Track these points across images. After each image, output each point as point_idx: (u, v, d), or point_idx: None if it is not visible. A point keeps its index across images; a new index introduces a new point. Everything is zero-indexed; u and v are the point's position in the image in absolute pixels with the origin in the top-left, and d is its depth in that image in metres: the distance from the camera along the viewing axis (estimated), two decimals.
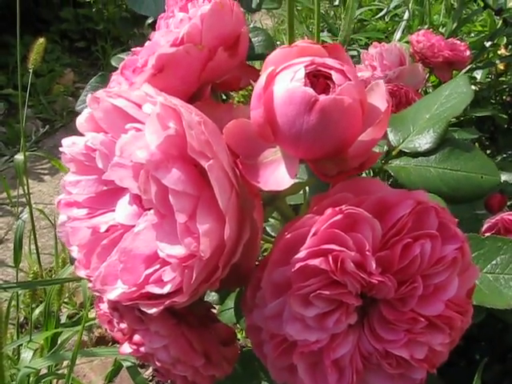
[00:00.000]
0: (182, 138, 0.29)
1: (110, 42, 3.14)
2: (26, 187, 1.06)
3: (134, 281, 0.31)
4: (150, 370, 1.29)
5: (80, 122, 0.36)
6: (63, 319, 1.30)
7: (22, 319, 1.39)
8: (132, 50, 0.43)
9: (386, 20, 1.66)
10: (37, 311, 1.14)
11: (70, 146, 0.36)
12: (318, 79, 0.30)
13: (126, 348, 0.34)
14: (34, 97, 2.80)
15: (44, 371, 0.97)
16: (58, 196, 0.37)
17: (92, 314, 1.34)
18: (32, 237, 1.20)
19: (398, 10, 1.62)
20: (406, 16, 1.43)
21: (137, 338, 0.34)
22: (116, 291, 0.31)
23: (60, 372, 1.06)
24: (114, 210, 0.35)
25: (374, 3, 1.82)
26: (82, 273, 0.34)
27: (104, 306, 0.36)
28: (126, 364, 0.79)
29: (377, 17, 1.57)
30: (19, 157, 1.04)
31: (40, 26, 3.35)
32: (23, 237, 1.11)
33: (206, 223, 0.27)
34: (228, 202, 0.28)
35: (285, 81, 0.29)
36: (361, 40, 1.69)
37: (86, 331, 1.37)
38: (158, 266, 0.31)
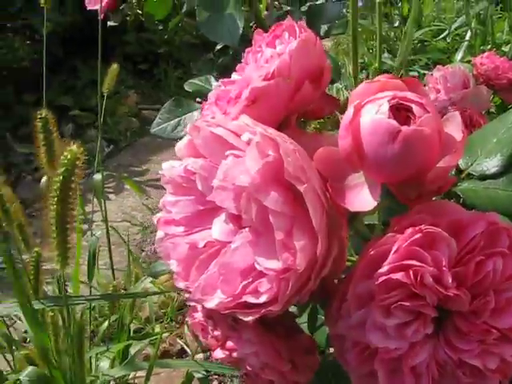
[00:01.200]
0: (278, 164, 0.33)
1: (172, 65, 3.25)
2: (102, 205, 1.11)
3: (232, 291, 0.35)
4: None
5: (179, 147, 0.40)
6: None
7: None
8: (221, 81, 0.48)
9: (448, 40, 1.68)
10: (105, 324, 1.20)
11: (169, 169, 0.40)
12: (399, 112, 0.33)
13: (219, 353, 0.38)
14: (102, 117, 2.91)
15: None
16: (122, 214, 0.41)
17: (157, 329, 1.39)
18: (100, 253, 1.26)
19: (459, 30, 1.64)
20: (467, 36, 1.45)
21: (229, 344, 0.37)
22: (214, 301, 0.35)
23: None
24: (209, 228, 0.39)
25: (434, 23, 1.84)
26: (180, 284, 0.38)
27: (198, 315, 0.40)
28: (197, 375, 0.83)
29: (438, 38, 1.59)
30: (97, 176, 1.10)
31: (105, 50, 3.47)
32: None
33: (301, 240, 0.31)
34: (321, 221, 0.31)
35: (370, 113, 0.33)
36: (421, 60, 1.71)
37: (151, 345, 1.42)
38: (253, 279, 0.34)
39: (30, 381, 0.61)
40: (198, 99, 0.90)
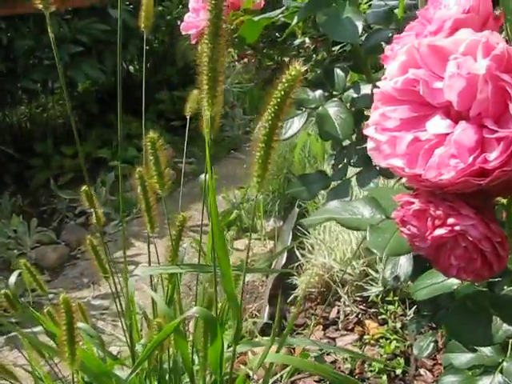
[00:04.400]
0: (503, 57, 0.41)
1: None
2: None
3: (464, 163, 0.42)
4: None
5: (392, 69, 0.48)
6: None
7: None
8: (395, 36, 0.57)
9: None
10: None
11: (384, 85, 0.48)
12: None
13: (441, 231, 0.45)
14: None
15: None
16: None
17: None
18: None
19: None
20: None
21: (451, 220, 0.45)
22: (450, 173, 0.43)
23: None
24: (423, 130, 0.47)
25: None
26: (406, 172, 0.46)
27: (414, 206, 0.47)
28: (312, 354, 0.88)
29: None
30: (203, 176, 1.17)
31: (137, 107, 3.62)
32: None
33: None
34: None
35: None
36: None
37: None
38: (480, 152, 0.42)
39: (200, 316, 0.67)
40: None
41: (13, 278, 1.06)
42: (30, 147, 3.15)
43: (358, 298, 1.62)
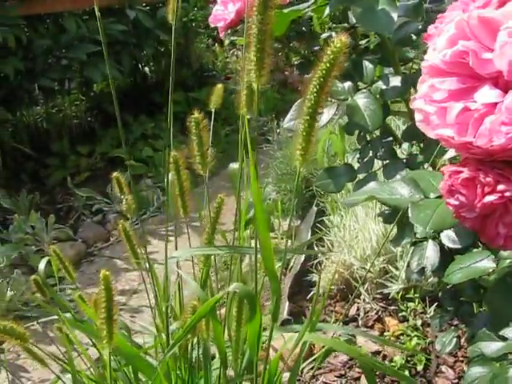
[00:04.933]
0: None
1: (220, 123, 3.39)
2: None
3: None
4: None
5: (441, 43, 0.49)
6: None
7: None
8: (439, 16, 0.57)
9: None
10: None
11: (432, 58, 0.49)
12: None
13: (490, 198, 0.46)
14: (154, 168, 3.04)
15: None
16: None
17: None
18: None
19: None
20: None
21: (501, 187, 0.45)
22: (500, 140, 0.43)
23: None
24: (471, 101, 0.47)
25: None
26: (455, 140, 0.46)
27: (463, 175, 0.47)
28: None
29: None
30: (233, 164, 1.18)
31: (152, 108, 3.65)
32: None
33: None
34: None
35: None
36: None
37: None
38: None
39: (240, 291, 0.68)
40: None
41: (42, 265, 1.06)
42: (46, 146, 3.17)
43: (378, 296, 1.62)
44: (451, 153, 0.69)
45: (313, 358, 1.01)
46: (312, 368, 1.33)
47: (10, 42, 2.61)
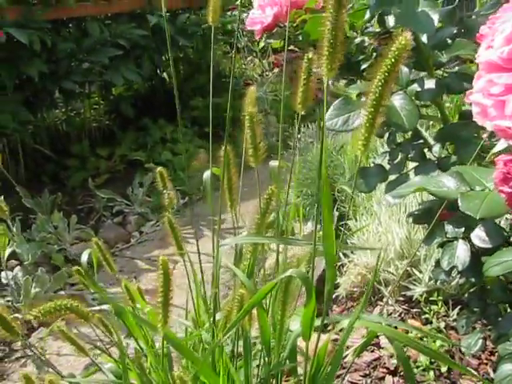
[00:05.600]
0: None
1: (238, 128, 3.42)
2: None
3: None
4: None
5: (498, 41, 0.52)
6: None
7: None
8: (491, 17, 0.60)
9: None
10: None
11: (489, 55, 0.52)
12: None
13: None
14: (174, 172, 3.08)
15: None
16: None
17: None
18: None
19: None
20: None
21: None
22: None
23: None
24: None
25: None
26: None
27: None
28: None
29: None
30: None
31: (171, 113, 3.69)
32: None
33: None
34: None
35: None
36: None
37: None
38: None
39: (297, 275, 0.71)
40: None
41: (85, 257, 1.09)
42: (66, 149, 3.21)
43: (401, 298, 1.64)
44: (502, 145, 0.71)
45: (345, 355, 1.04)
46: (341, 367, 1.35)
47: (36, 44, 2.66)
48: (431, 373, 1.37)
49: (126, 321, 0.95)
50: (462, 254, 1.07)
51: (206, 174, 1.13)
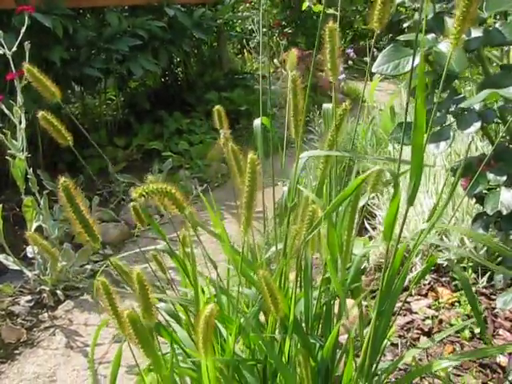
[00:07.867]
0: None
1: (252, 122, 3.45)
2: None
3: None
4: None
5: None
6: None
7: None
8: None
9: None
10: None
11: None
12: None
13: None
14: (191, 160, 3.11)
15: None
16: None
17: None
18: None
19: None
20: None
21: None
22: None
23: None
24: None
25: None
26: None
27: None
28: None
29: None
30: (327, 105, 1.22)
31: (185, 107, 3.73)
32: None
33: None
34: None
35: None
36: None
37: None
38: None
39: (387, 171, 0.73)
40: None
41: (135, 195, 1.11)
42: (83, 138, 3.23)
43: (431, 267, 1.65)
44: None
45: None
46: None
47: (58, 30, 2.69)
48: (467, 331, 1.39)
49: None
50: (506, 199, 1.09)
51: (257, 122, 1.16)
